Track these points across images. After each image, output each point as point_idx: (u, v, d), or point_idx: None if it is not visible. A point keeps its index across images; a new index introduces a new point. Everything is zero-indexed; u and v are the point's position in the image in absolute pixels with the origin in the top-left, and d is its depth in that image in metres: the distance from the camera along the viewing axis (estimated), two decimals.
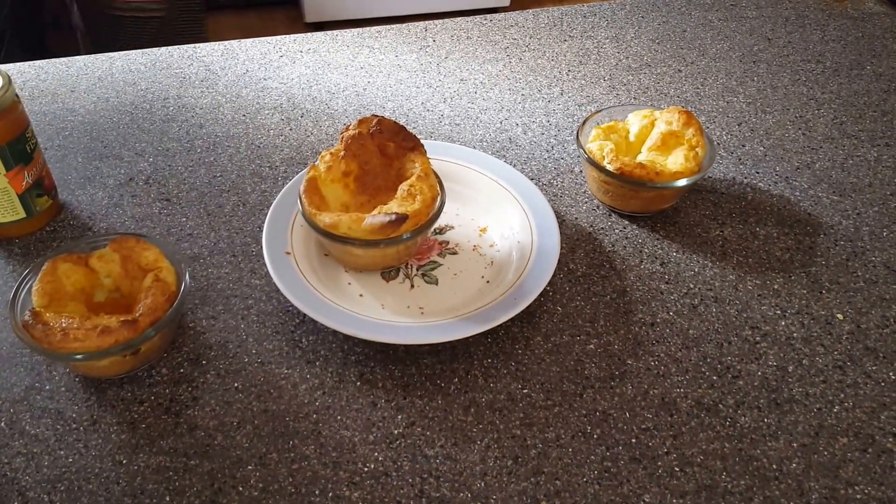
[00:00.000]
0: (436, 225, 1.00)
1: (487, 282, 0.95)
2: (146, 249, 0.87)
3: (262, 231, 0.96)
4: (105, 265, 0.88)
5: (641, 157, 1.05)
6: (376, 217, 0.88)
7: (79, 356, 0.78)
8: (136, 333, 0.80)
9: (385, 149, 0.98)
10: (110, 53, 1.38)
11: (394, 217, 0.88)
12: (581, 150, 1.04)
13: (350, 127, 0.98)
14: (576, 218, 1.06)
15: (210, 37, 3.44)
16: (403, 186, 0.92)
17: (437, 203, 0.94)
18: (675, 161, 1.02)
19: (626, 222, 1.06)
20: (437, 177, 0.96)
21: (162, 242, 0.89)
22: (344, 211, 0.95)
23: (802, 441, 0.81)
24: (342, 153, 0.96)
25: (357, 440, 0.80)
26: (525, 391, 0.85)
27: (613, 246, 1.02)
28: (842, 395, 0.85)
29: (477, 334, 0.88)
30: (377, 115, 0.99)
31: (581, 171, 1.14)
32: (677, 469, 0.78)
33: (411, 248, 0.96)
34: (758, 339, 0.91)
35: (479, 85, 1.33)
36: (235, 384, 0.85)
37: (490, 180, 1.06)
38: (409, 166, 0.96)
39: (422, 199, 0.91)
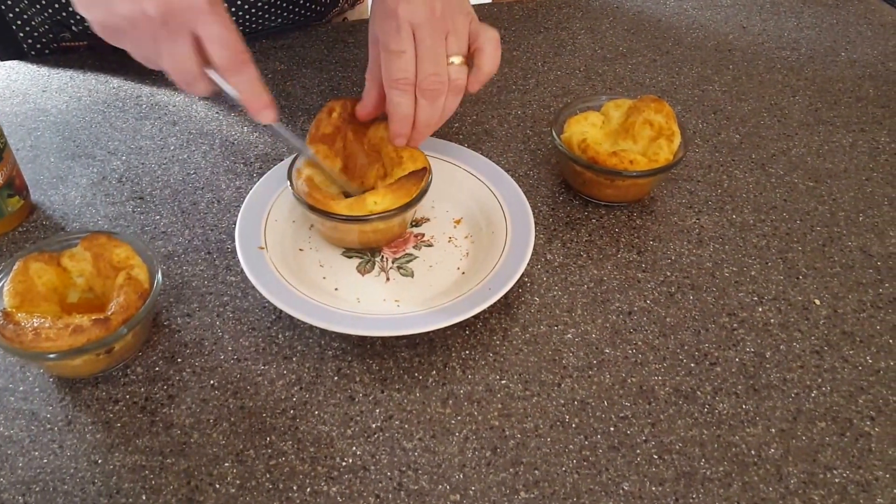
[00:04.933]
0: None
1: (463, 273, 0.95)
2: (117, 247, 0.87)
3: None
4: (77, 264, 0.87)
5: (616, 147, 1.05)
6: (395, 182, 0.92)
7: (51, 356, 0.77)
8: (109, 332, 0.79)
9: (355, 129, 1.01)
10: (81, 52, 1.37)
11: (412, 173, 0.93)
12: (556, 141, 1.04)
13: (316, 128, 1.00)
14: (552, 208, 1.06)
15: None
16: (390, 154, 0.97)
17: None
18: (650, 150, 1.02)
19: (603, 212, 1.06)
20: None
21: (133, 239, 0.89)
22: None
23: (780, 426, 0.81)
24: (327, 151, 1.00)
25: (335, 435, 0.80)
26: (503, 382, 0.85)
27: (590, 235, 1.02)
28: (819, 380, 0.85)
29: (454, 326, 0.88)
30: (331, 107, 1.00)
31: (557, 162, 1.14)
32: (656, 456, 0.78)
33: (408, 217, 0.99)
34: (735, 325, 0.91)
35: None
36: (211, 381, 0.85)
37: (465, 172, 1.06)
38: (376, 134, 0.99)
39: (416, 155, 0.96)
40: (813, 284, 0.96)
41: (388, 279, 0.94)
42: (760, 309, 0.93)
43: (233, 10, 1.29)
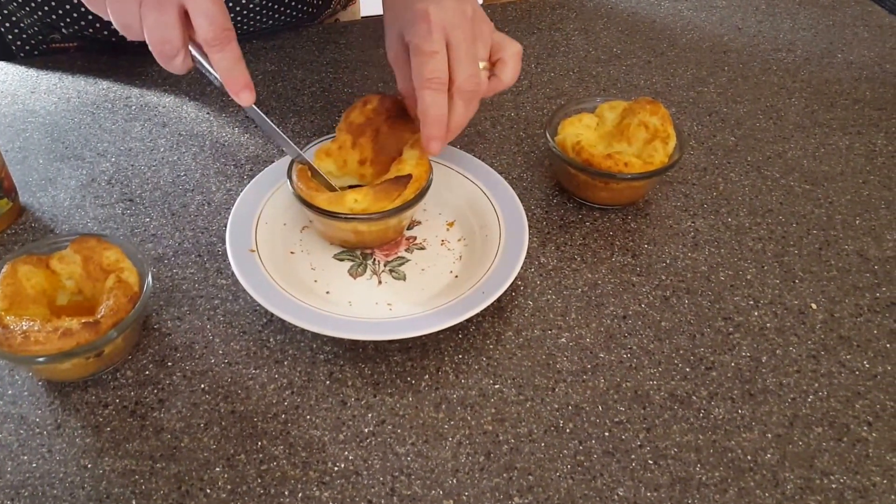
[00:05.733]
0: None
1: (456, 276, 0.94)
2: (107, 249, 0.86)
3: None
4: (66, 267, 0.86)
5: (611, 149, 1.04)
6: (380, 184, 0.91)
7: (40, 359, 0.76)
8: (98, 335, 0.78)
9: (392, 125, 1.00)
10: (71, 53, 1.36)
11: (397, 178, 0.91)
12: (550, 143, 1.04)
13: (347, 115, 1.00)
14: (546, 211, 1.06)
15: None
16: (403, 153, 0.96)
17: (431, 172, 0.96)
18: (645, 152, 1.01)
19: (597, 215, 1.05)
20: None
21: (123, 242, 0.88)
22: None
23: (777, 431, 0.80)
24: (351, 142, 0.99)
25: (327, 439, 0.79)
26: (497, 386, 0.84)
27: (584, 239, 1.01)
28: (816, 385, 0.85)
29: (447, 330, 0.88)
30: (367, 99, 1.00)
31: (550, 164, 1.13)
32: (651, 462, 0.77)
33: (404, 221, 0.98)
34: (731, 329, 0.91)
35: None
36: (202, 385, 0.84)
37: (458, 174, 1.05)
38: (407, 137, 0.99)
39: (420, 164, 0.94)
40: (809, 288, 0.96)
41: (379, 282, 0.94)
42: (756, 313, 0.93)
43: None
